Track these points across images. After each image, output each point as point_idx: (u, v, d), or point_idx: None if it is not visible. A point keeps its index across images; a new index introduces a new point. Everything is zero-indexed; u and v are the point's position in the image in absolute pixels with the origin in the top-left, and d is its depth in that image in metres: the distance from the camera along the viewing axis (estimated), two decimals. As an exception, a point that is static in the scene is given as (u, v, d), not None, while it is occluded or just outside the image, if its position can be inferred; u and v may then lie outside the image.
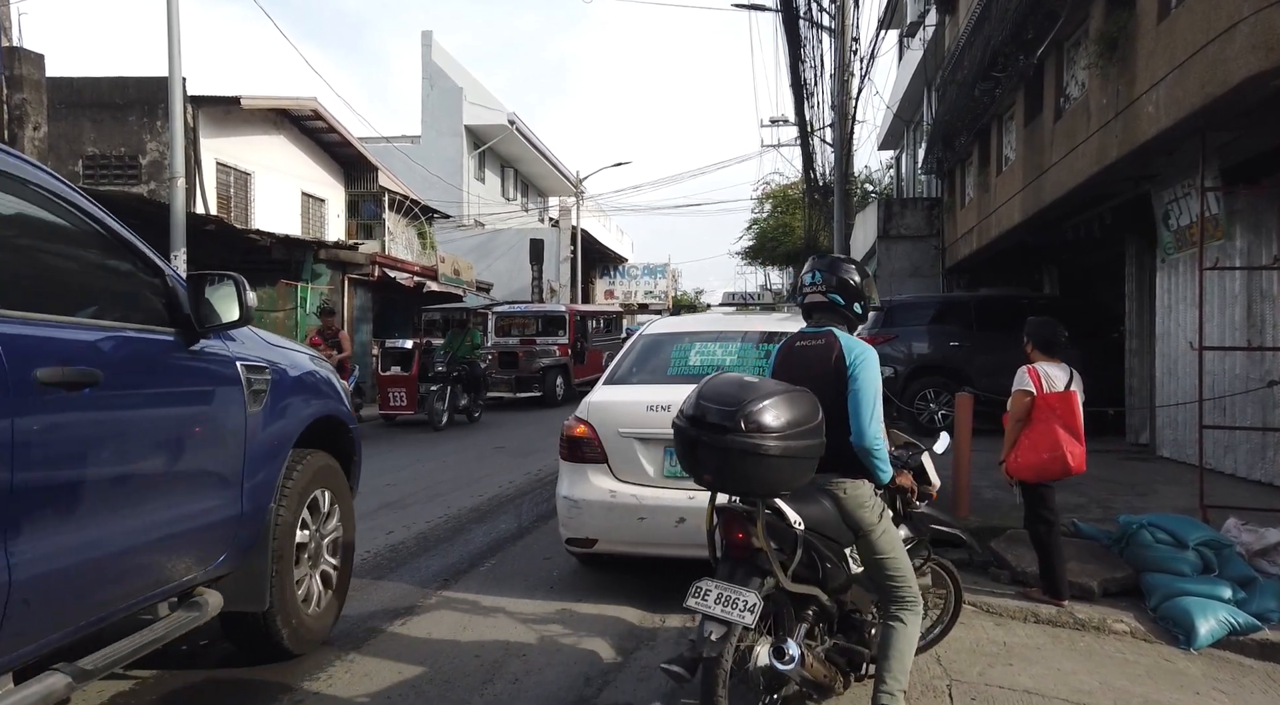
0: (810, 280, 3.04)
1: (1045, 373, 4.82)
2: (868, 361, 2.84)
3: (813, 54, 13.43)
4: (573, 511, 4.40)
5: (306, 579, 3.64)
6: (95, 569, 2.49)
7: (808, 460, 2.63)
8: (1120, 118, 6.51)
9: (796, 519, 2.65)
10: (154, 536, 2.73)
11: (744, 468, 2.52)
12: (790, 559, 2.64)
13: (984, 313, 11.50)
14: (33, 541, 2.22)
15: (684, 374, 4.85)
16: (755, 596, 2.48)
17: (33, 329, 2.31)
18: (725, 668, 2.44)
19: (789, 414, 2.57)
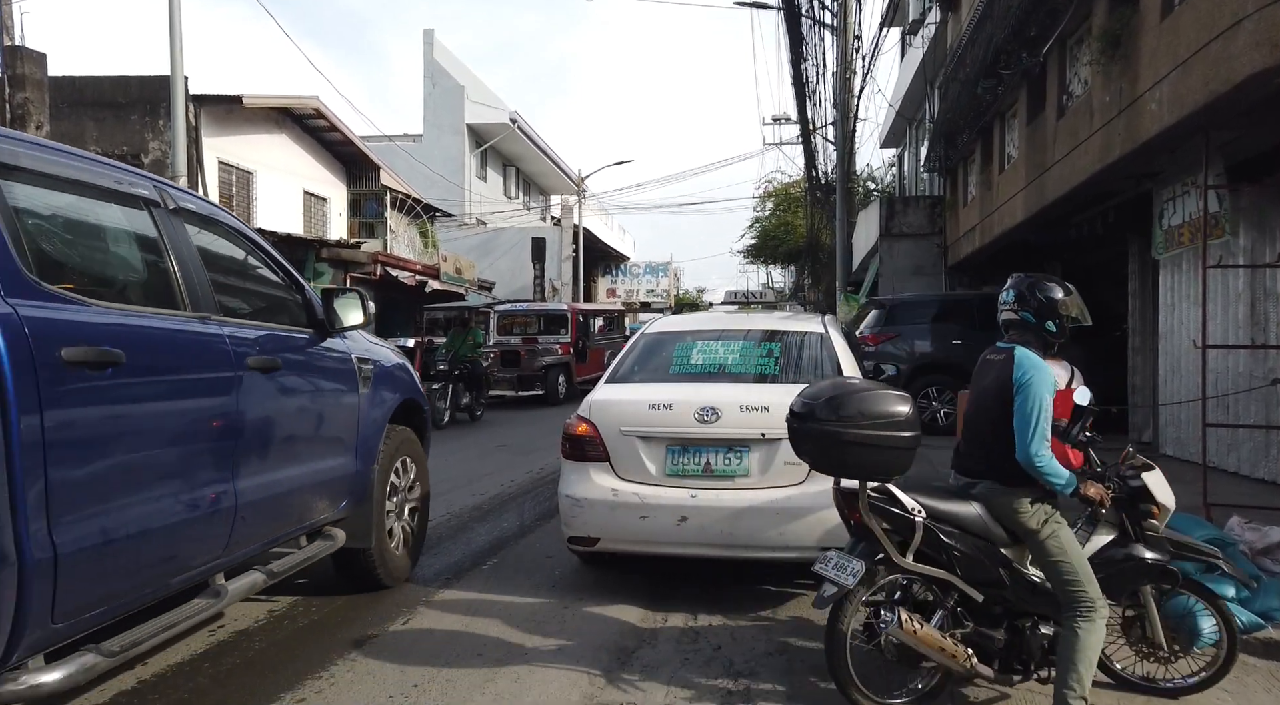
0: (1005, 298, 3.17)
1: None
2: (1032, 380, 2.95)
3: (815, 52, 13.41)
4: (575, 510, 4.40)
5: (395, 526, 4.60)
6: (279, 501, 3.52)
7: (889, 449, 2.96)
8: (1123, 115, 6.50)
9: (914, 507, 3.00)
10: (308, 483, 3.75)
11: (825, 451, 3.04)
12: (909, 541, 2.98)
13: (986, 311, 11.42)
14: (247, 479, 3.23)
15: (686, 373, 4.85)
16: (862, 564, 2.94)
17: (240, 331, 3.33)
18: (845, 627, 3.00)
19: (865, 406, 2.98)
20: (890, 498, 3.04)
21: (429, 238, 23.86)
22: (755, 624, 4.13)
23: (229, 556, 3.21)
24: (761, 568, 4.92)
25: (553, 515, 6.53)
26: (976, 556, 3.05)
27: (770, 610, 4.34)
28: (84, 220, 2.94)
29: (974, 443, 3.21)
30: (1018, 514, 3.00)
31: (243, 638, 3.91)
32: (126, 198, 3.03)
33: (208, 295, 3.22)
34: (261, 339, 3.45)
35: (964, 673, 3.05)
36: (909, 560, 3.00)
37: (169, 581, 2.94)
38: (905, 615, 2.96)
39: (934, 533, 3.01)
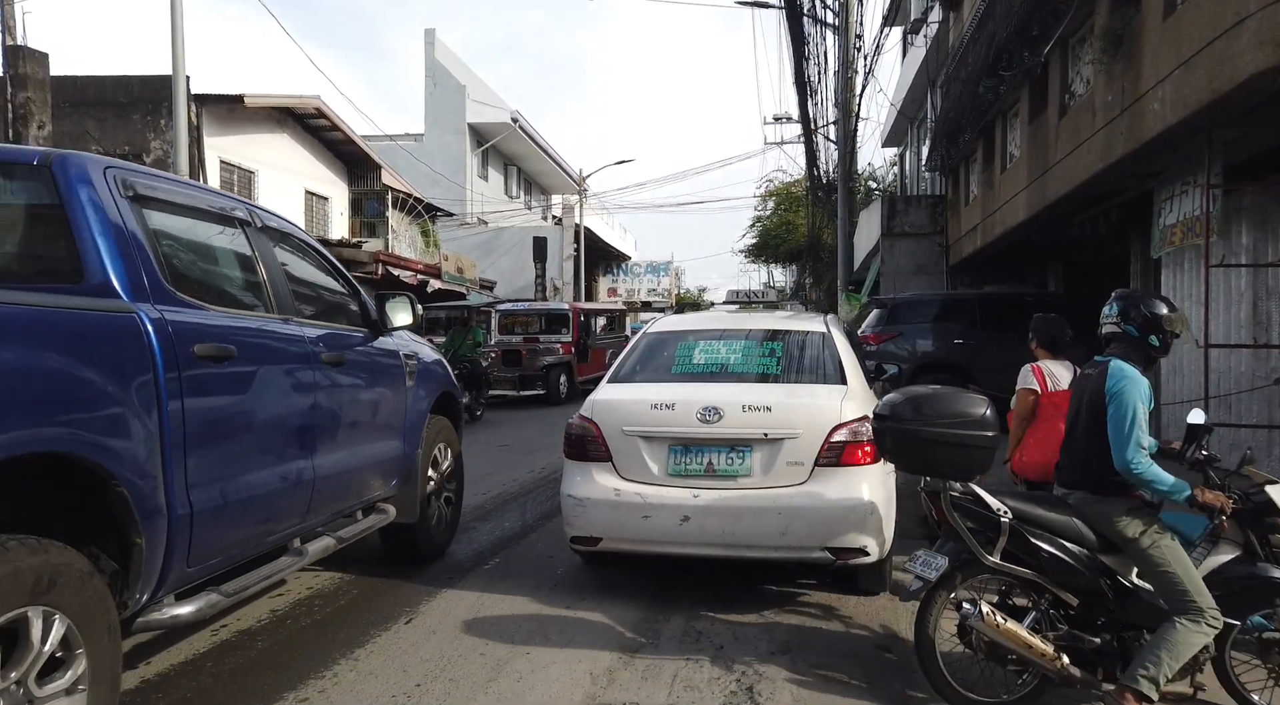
0: (1108, 312, 3.21)
1: (1049, 371, 4.81)
2: (1125, 389, 3.01)
3: (817, 50, 13.40)
4: (577, 510, 4.39)
5: (434, 505, 5.13)
6: (345, 477, 4.02)
7: (969, 448, 3.09)
8: (1125, 114, 6.49)
9: (1000, 507, 3.06)
10: (367, 462, 4.24)
11: (906, 449, 3.22)
12: (996, 541, 3.04)
13: (988, 310, 11.46)
14: (321, 456, 3.74)
15: (688, 372, 4.83)
16: (946, 561, 3.07)
17: (313, 331, 3.83)
18: (931, 622, 3.12)
19: (944, 406, 3.15)
20: (976, 498, 3.11)
21: (430, 237, 23.86)
22: (758, 624, 4.13)
23: (305, 523, 3.77)
24: (764, 567, 4.92)
25: (555, 515, 6.53)
26: (1071, 562, 3.08)
27: (773, 610, 4.34)
28: (197, 239, 3.45)
29: (1071, 454, 3.27)
30: (1115, 524, 3.04)
31: (245, 637, 3.92)
32: (227, 219, 3.59)
33: (288, 300, 3.76)
34: (328, 337, 3.98)
35: (1055, 673, 3.04)
36: (995, 559, 3.06)
37: (265, 540, 3.48)
38: (988, 608, 3.00)
39: (1021, 534, 3.06)
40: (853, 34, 15.34)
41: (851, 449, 4.17)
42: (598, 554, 4.75)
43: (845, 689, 3.42)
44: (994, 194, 11.38)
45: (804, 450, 4.17)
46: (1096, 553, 3.11)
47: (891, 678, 3.54)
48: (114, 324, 2.67)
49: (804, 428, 4.20)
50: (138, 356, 2.69)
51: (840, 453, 4.16)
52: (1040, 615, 3.12)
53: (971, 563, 3.11)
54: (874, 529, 4.16)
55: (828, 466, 4.16)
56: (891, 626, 4.18)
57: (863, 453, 4.17)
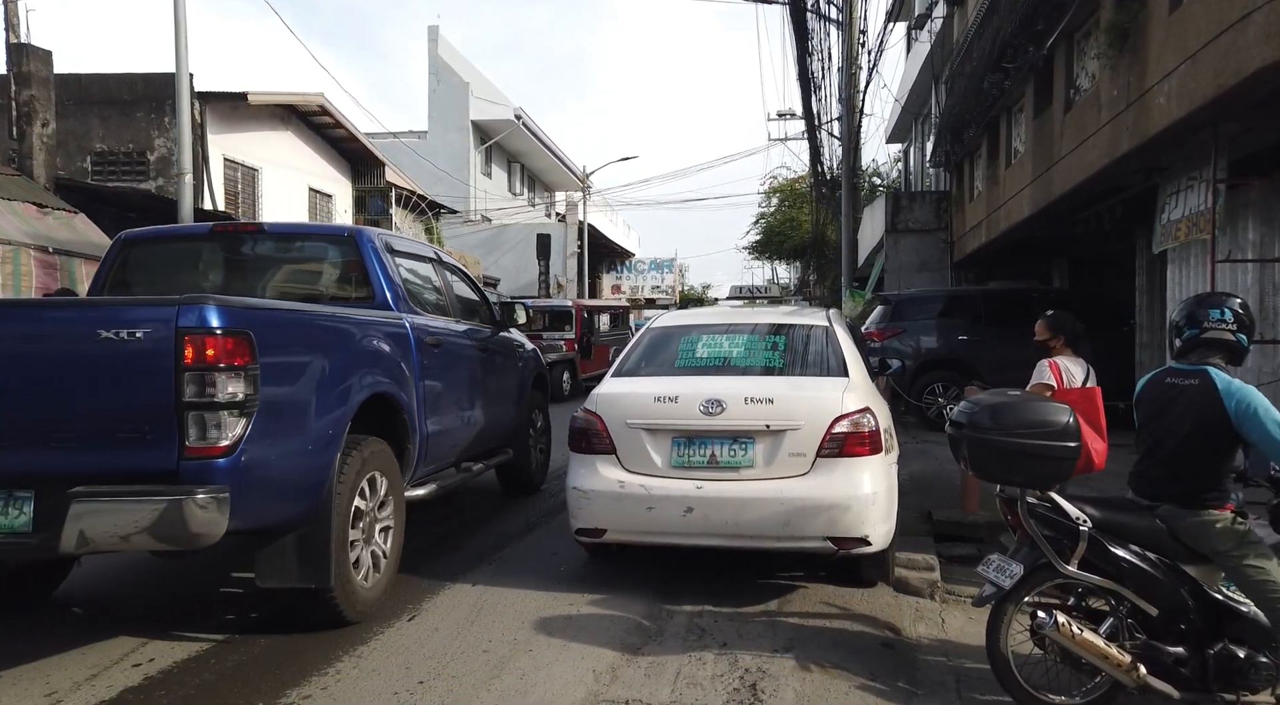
0: (1218, 316, 3.14)
1: (1066, 368, 4.80)
2: (1254, 404, 2.95)
3: (821, 46, 13.36)
4: (582, 502, 4.45)
5: (533, 452, 7.16)
6: (491, 424, 5.97)
7: (1047, 459, 3.04)
8: (1131, 109, 6.45)
9: (1079, 516, 3.02)
10: (502, 418, 6.20)
11: (983, 458, 3.16)
12: (1073, 548, 3.01)
13: (993, 306, 11.44)
14: (480, 409, 5.69)
15: (691, 366, 4.87)
16: (1021, 568, 3.04)
17: (469, 327, 5.88)
18: (1003, 628, 3.07)
19: (1023, 415, 3.10)
20: (1054, 506, 3.07)
21: (434, 234, 23.85)
22: (761, 620, 4.12)
23: (469, 453, 5.70)
24: (767, 558, 4.92)
25: (558, 511, 6.52)
26: (1151, 572, 3.05)
27: (776, 604, 4.33)
28: (418, 274, 5.47)
29: (1161, 466, 3.20)
30: (1207, 536, 3.01)
31: (249, 634, 3.92)
32: (429, 260, 5.76)
33: (457, 308, 5.83)
34: (475, 332, 5.96)
35: (1131, 683, 3.00)
36: (1073, 568, 3.03)
37: (451, 458, 5.43)
38: (1063, 618, 2.96)
39: (1100, 543, 3.02)
40: (856, 29, 15.30)
41: (853, 440, 4.20)
42: (602, 547, 4.82)
43: (849, 685, 3.41)
44: (998, 190, 11.33)
45: (806, 441, 4.21)
46: (1182, 563, 3.08)
47: (895, 674, 3.53)
48: (395, 324, 4.67)
49: (806, 419, 4.24)
50: (404, 343, 4.66)
51: (842, 444, 4.19)
52: (1118, 623, 3.08)
53: (1047, 570, 3.07)
54: (875, 519, 4.19)
55: (829, 457, 4.19)
56: (895, 623, 4.18)
57: (864, 443, 4.21)
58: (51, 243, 9.42)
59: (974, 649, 3.80)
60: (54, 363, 3.22)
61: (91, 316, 3.25)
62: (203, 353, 3.16)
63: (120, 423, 3.19)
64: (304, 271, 5.25)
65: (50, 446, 3.21)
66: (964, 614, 4.37)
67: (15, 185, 10.22)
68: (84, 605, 4.39)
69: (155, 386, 3.15)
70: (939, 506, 6.15)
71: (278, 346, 3.53)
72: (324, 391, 3.78)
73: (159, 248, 5.35)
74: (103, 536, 3.05)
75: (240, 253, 5.34)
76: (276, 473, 3.47)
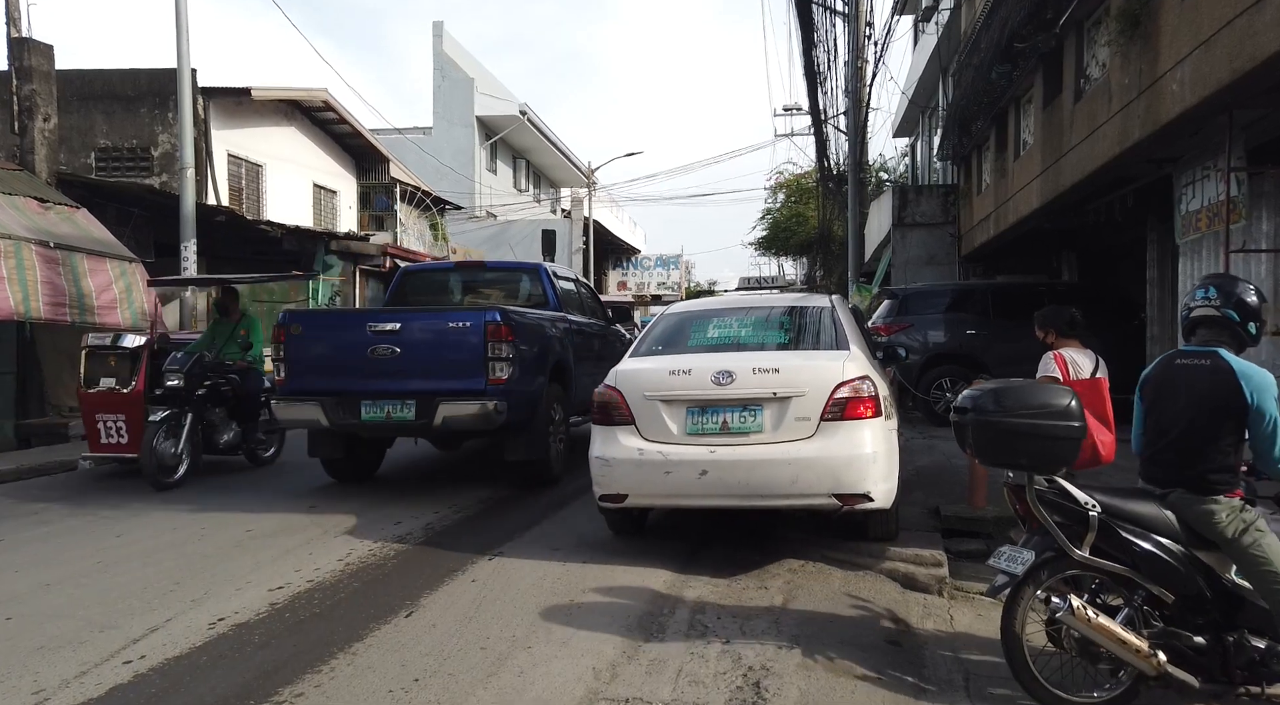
0: (1203, 295, 3.11)
1: (1071, 359, 4.71)
2: (1270, 392, 2.93)
3: (827, 37, 13.23)
4: (605, 469, 4.76)
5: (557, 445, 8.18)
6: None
7: (1052, 439, 2.98)
8: (1143, 97, 6.34)
9: (1088, 500, 2.96)
10: None
11: (988, 440, 3.09)
12: (1084, 536, 2.95)
13: (1001, 300, 11.33)
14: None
15: (703, 345, 5.25)
16: (1032, 555, 2.99)
17: (595, 323, 9.17)
18: (1018, 620, 3.00)
19: (1026, 397, 3.06)
20: (1061, 491, 3.02)
21: (439, 230, 23.80)
22: (765, 615, 4.03)
23: (584, 407, 7.60)
24: (776, 545, 4.86)
25: (561, 506, 6.46)
26: (1165, 558, 2.98)
27: (781, 599, 4.25)
28: (569, 287, 8.79)
29: (1169, 451, 3.13)
30: (1214, 522, 2.94)
31: (242, 631, 3.85)
32: (571, 279, 9.12)
33: (586, 309, 8.94)
34: (595, 323, 8.88)
35: (1153, 672, 2.93)
36: (1084, 553, 2.97)
37: (577, 407, 7.76)
38: (1078, 602, 2.89)
39: (1111, 528, 2.97)
40: (863, 22, 15.16)
41: (854, 404, 4.52)
42: (623, 518, 5.24)
43: (855, 682, 3.33)
44: (1007, 182, 11.20)
45: (810, 407, 4.53)
46: (1194, 550, 3.02)
47: (902, 671, 3.45)
48: (561, 318, 7.75)
49: (809, 387, 4.55)
50: (565, 329, 7.74)
51: (844, 408, 4.51)
52: (1133, 612, 3.02)
53: (1059, 558, 3.01)
54: (877, 476, 4.49)
55: (832, 421, 4.50)
56: (902, 618, 4.10)
57: (864, 408, 4.53)
58: (53, 238, 9.38)
59: (983, 644, 3.74)
60: (429, 338, 6.51)
61: (448, 317, 6.65)
62: (495, 333, 6.36)
63: (459, 367, 6.39)
64: (509, 289, 8.65)
65: (426, 378, 6.41)
66: (972, 610, 4.29)
67: (17, 180, 10.19)
68: (55, 616, 4.33)
69: (475, 349, 6.37)
70: (946, 502, 6.06)
71: (521, 330, 6.65)
72: (539, 354, 6.98)
73: (423, 276, 9.18)
74: (451, 420, 6.31)
75: (471, 278, 8.93)
76: (521, 395, 6.55)
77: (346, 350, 6.53)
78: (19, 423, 9.75)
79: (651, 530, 5.61)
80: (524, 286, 8.46)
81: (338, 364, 6.55)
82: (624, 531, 5.42)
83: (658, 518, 5.77)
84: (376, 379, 6.44)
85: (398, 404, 6.38)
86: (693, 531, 5.57)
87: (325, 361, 6.60)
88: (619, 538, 5.41)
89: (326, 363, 6.60)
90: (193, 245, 10.58)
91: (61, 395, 10.16)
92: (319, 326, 6.99)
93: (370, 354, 6.40)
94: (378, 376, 6.43)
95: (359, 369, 6.46)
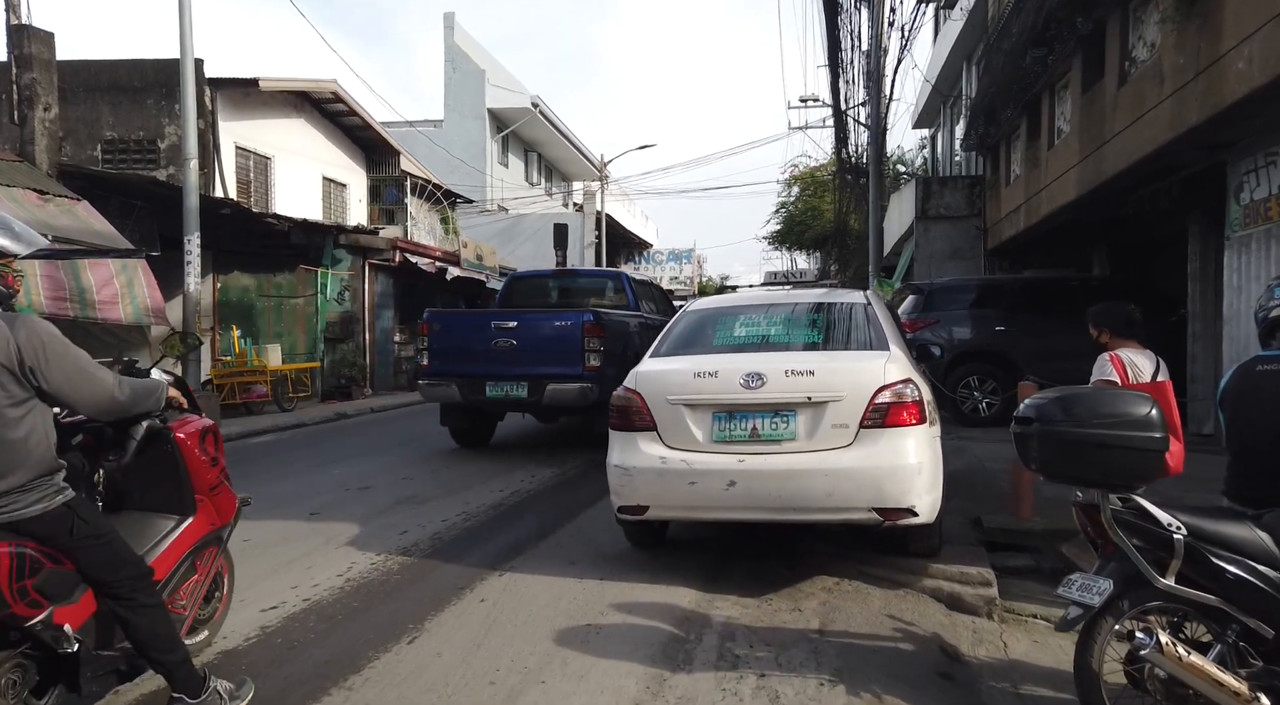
0: None
1: (1130, 361, 4.30)
2: None
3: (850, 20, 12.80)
4: (624, 479, 4.42)
5: None
6: None
7: (1130, 451, 2.65)
8: (1201, 78, 5.91)
9: (1172, 522, 2.63)
10: None
11: (1056, 455, 2.74)
12: (1168, 562, 2.63)
13: (1030, 296, 10.92)
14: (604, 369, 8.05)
15: (729, 344, 4.87)
16: (1110, 584, 2.64)
17: (658, 316, 10.03)
18: (1095, 659, 2.69)
19: (1099, 405, 2.72)
20: (1140, 511, 2.69)
21: (450, 224, 23.49)
22: (802, 642, 3.67)
23: None
24: (808, 565, 4.49)
25: (578, 513, 6.12)
26: (1263, 587, 2.65)
27: (819, 621, 3.89)
28: (643, 289, 10.65)
29: (1259, 465, 2.84)
30: None
31: (229, 658, 3.52)
32: (646, 282, 11.33)
33: (654, 304, 10.66)
34: (656, 316, 9.89)
35: None
36: (1169, 582, 2.64)
37: None
38: (1166, 638, 2.57)
39: (1199, 553, 2.64)
40: (886, 8, 14.70)
41: (896, 410, 4.15)
42: (644, 531, 4.92)
43: (910, 729, 2.96)
44: (1039, 172, 10.75)
45: (848, 412, 4.16)
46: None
47: (960, 712, 3.08)
48: (638, 314, 9.55)
49: (848, 390, 4.19)
50: (640, 322, 9.22)
51: (885, 414, 4.14)
52: (1227, 649, 2.68)
53: (1141, 586, 2.67)
54: (922, 489, 4.11)
55: (873, 428, 4.14)
56: (953, 644, 3.72)
57: (907, 413, 4.15)
58: (51, 230, 9.08)
59: (1043, 676, 3.39)
60: (539, 333, 8.02)
61: (554, 317, 8.21)
62: (589, 330, 7.84)
63: (562, 356, 7.87)
64: (597, 291, 10.28)
65: (536, 365, 7.92)
66: (1027, 635, 3.91)
67: (16, 172, 9.92)
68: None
69: (574, 342, 7.86)
70: (987, 511, 5.67)
71: (608, 327, 8.10)
72: (622, 345, 8.19)
73: (528, 281, 10.98)
74: (555, 398, 7.66)
75: (566, 283, 10.84)
76: (609, 379, 7.31)
77: (475, 342, 8.24)
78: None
79: (673, 542, 5.25)
80: (609, 289, 10.24)
81: (468, 353, 8.25)
82: (644, 544, 5.07)
83: (679, 528, 5.41)
84: (498, 365, 8.09)
85: (514, 385, 8.07)
86: (717, 543, 5.21)
87: (458, 351, 8.36)
88: (638, 550, 5.05)
89: (459, 352, 8.34)
90: (196, 238, 10.27)
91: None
92: (454, 324, 8.90)
93: (493, 345, 8.09)
94: (499, 363, 8.09)
95: (484, 357, 8.13)
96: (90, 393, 2.57)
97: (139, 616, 2.63)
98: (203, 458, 3.26)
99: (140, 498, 3.17)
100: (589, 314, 8.02)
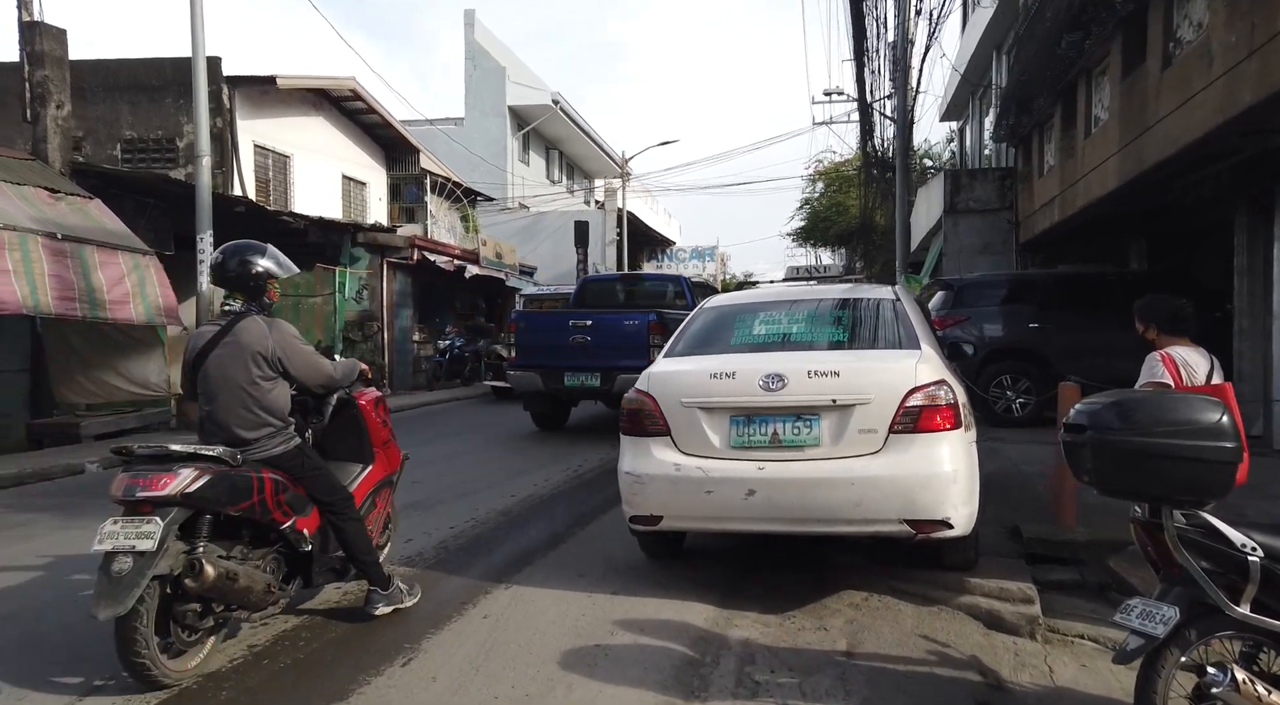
0: None
1: (1183, 361, 3.94)
2: None
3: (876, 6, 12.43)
4: (635, 487, 4.17)
5: None
6: None
7: (1199, 463, 2.39)
8: (1255, 56, 5.51)
9: (1245, 542, 2.38)
10: None
11: (1113, 467, 2.49)
12: (1241, 587, 2.37)
13: (1065, 291, 10.52)
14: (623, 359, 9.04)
15: (748, 343, 4.60)
16: (1176, 612, 2.39)
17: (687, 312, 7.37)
18: (1159, 694, 2.41)
19: (1162, 412, 2.45)
20: (1209, 529, 2.43)
21: (470, 222, 23.35)
22: (828, 666, 3.37)
23: None
24: (834, 579, 4.18)
25: (590, 519, 5.86)
26: None
27: (845, 642, 3.59)
28: (703, 290, 11.30)
29: None
30: None
31: (210, 682, 3.29)
32: (700, 284, 12.93)
33: (683, 301, 11.00)
34: (684, 310, 8.93)
35: None
36: (1244, 610, 2.37)
37: None
38: (1243, 675, 2.32)
39: (1278, 577, 2.38)
40: None
41: (929, 413, 3.86)
42: (658, 542, 4.66)
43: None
44: (1076, 162, 10.32)
45: (877, 417, 3.89)
46: None
47: (1006, 754, 2.77)
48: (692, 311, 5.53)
49: (876, 393, 3.92)
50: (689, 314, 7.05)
51: (917, 418, 3.86)
52: None
53: (1210, 614, 2.41)
54: (957, 499, 3.84)
55: (904, 433, 3.86)
56: (991, 669, 3.42)
57: (941, 418, 3.87)
58: (61, 229, 8.98)
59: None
60: (611, 330, 9.23)
61: (624, 317, 9.44)
62: (653, 328, 8.94)
63: (630, 351, 8.78)
64: (659, 293, 11.50)
65: (608, 358, 9.01)
66: (1073, 658, 3.59)
67: (28, 170, 9.83)
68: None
69: (641, 338, 8.93)
70: (1025, 519, 5.33)
71: (670, 325, 7.66)
72: None
73: (598, 284, 12.52)
74: (625, 388, 5.12)
75: (632, 286, 11.98)
76: None
77: (555, 338, 9.38)
78: (31, 423, 9.40)
79: (689, 553, 4.97)
80: (669, 291, 11.55)
81: (549, 347, 9.42)
82: (658, 555, 4.79)
83: (696, 538, 5.12)
84: (575, 358, 9.22)
85: (589, 375, 9.16)
86: (736, 555, 4.92)
87: (541, 345, 9.54)
88: (652, 562, 4.78)
89: (542, 346, 9.52)
90: (209, 236, 10.11)
91: (66, 393, 9.78)
92: (537, 322, 10.22)
93: (571, 341, 9.24)
94: (575, 356, 9.22)
95: (563, 351, 9.28)
96: (317, 373, 3.69)
97: (348, 526, 3.70)
98: (377, 419, 4.24)
99: (334, 450, 4.06)
100: (654, 314, 9.22)
